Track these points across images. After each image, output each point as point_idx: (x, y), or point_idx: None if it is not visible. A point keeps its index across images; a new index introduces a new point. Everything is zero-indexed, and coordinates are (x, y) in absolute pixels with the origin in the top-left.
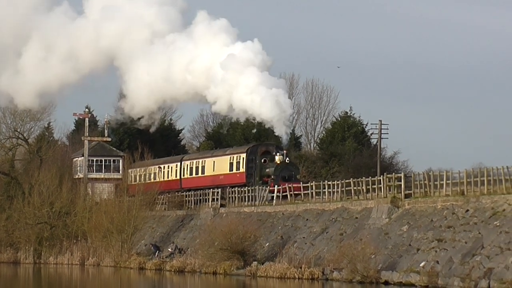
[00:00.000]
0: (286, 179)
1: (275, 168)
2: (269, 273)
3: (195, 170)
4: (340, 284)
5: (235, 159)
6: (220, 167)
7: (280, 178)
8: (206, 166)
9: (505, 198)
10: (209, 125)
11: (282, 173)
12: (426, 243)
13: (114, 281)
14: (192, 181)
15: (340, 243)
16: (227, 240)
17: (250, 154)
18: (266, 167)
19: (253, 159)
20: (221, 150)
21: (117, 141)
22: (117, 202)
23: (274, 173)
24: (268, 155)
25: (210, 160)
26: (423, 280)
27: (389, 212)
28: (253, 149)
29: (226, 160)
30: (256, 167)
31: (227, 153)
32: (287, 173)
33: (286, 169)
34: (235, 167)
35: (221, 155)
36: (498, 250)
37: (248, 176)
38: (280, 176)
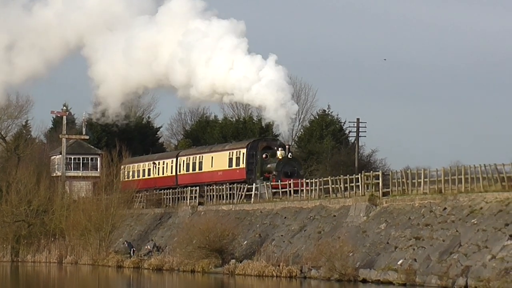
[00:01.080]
0: (288, 175)
1: (277, 164)
2: (247, 271)
3: (192, 166)
4: (318, 282)
5: (235, 155)
6: (218, 163)
7: (282, 174)
8: (204, 162)
9: (483, 196)
10: (187, 123)
11: (284, 168)
12: (404, 241)
13: (92, 279)
14: (189, 178)
15: (318, 241)
16: (205, 238)
17: (250, 149)
18: (267, 162)
19: (254, 154)
20: (219, 146)
21: (94, 139)
22: (95, 200)
23: (276, 168)
24: (269, 150)
25: (208, 156)
26: (401, 278)
27: (367, 210)
28: (253, 144)
29: (225, 155)
30: (257, 162)
31: (226, 148)
32: (289, 169)
33: (288, 164)
34: (234, 163)
35: (219, 151)
36: (475, 248)
37: (248, 172)
38: (282, 172)
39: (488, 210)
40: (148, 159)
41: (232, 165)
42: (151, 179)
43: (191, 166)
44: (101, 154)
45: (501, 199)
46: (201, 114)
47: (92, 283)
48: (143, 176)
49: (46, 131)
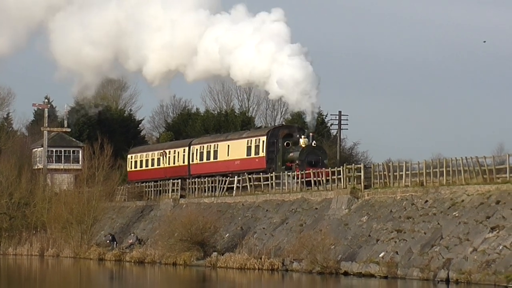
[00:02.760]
0: (312, 165)
1: (300, 152)
2: (229, 264)
3: (206, 155)
4: (300, 275)
5: (254, 143)
6: (235, 152)
7: (306, 163)
8: (219, 151)
9: (464, 189)
10: (169, 116)
11: (308, 157)
12: (385, 234)
13: (74, 272)
14: (203, 167)
15: (300, 234)
16: (187, 231)
17: (271, 136)
18: (289, 151)
19: (275, 142)
20: (236, 133)
21: (76, 132)
22: (76, 193)
23: (299, 157)
24: (290, 138)
25: (224, 144)
26: (383, 270)
27: (349, 203)
28: (274, 131)
29: (242, 143)
30: (278, 151)
31: (244, 136)
32: (314, 158)
33: (312, 153)
34: (253, 151)
35: (236, 139)
36: (457, 241)
37: (268, 161)
38: (306, 161)
39: (469, 203)
40: (158, 148)
41: (250, 153)
42: (160, 169)
43: (205, 155)
44: (83, 147)
45: (482, 191)
46: (182, 106)
47: (73, 276)
48: (152, 166)
49: (27, 124)
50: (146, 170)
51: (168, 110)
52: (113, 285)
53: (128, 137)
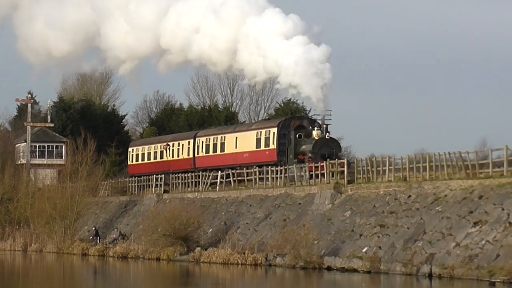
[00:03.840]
0: (326, 158)
1: (313, 145)
2: (212, 259)
3: (213, 148)
4: (283, 270)
5: (264, 135)
6: (244, 144)
7: (319, 156)
8: (227, 143)
9: (447, 184)
10: (152, 111)
11: (321, 150)
12: (368, 229)
13: (57, 267)
14: (209, 160)
15: (283, 229)
16: (170, 226)
17: (282, 128)
18: (301, 143)
19: (286, 134)
20: (244, 125)
21: (60, 127)
22: (60, 188)
23: (312, 150)
24: (303, 129)
25: (231, 136)
26: (366, 265)
27: (332, 198)
28: (285, 122)
29: (251, 135)
30: (290, 143)
31: (253, 127)
32: (327, 151)
33: (326, 145)
34: (263, 144)
35: (245, 130)
36: (439, 236)
37: (279, 153)
38: (319, 154)
39: (452, 198)
40: (160, 141)
41: (260, 146)
42: (164, 162)
43: (212, 147)
44: (66, 142)
45: (465, 186)
46: (166, 102)
47: (57, 271)
48: (155, 159)
49: (10, 119)
50: (149, 164)
51: (151, 105)
52: (96, 280)
53: (111, 132)
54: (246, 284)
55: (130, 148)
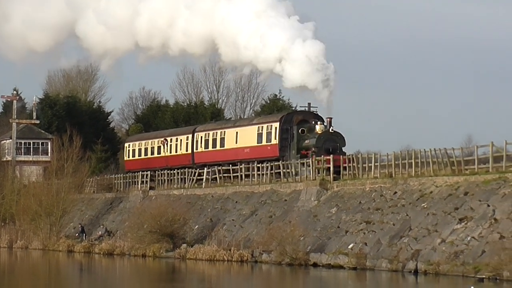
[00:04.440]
0: (330, 152)
1: (317, 139)
2: (199, 256)
3: (212, 143)
4: (269, 267)
5: (265, 129)
6: (245, 139)
7: (323, 151)
8: (227, 138)
9: (433, 180)
10: (138, 108)
11: (325, 144)
12: (354, 225)
13: (43, 264)
14: (208, 156)
15: (269, 226)
16: (156, 222)
17: (284, 123)
18: (305, 138)
19: (288, 129)
20: (245, 120)
21: (45, 124)
22: (45, 184)
23: (316, 144)
24: (306, 124)
25: (232, 131)
26: (352, 262)
27: (318, 195)
28: (287, 117)
29: (253, 130)
30: (292, 138)
31: (254, 122)
32: (331, 145)
33: (330, 140)
34: (265, 139)
35: (246, 125)
36: (425, 232)
37: (281, 149)
38: (323, 148)
39: (438, 194)
40: (158, 136)
41: (262, 141)
42: (161, 158)
43: (211, 142)
44: (52, 139)
45: (450, 183)
46: (152, 98)
47: (42, 268)
48: (152, 154)
49: None
50: (146, 159)
51: (137, 102)
52: (82, 277)
53: (97, 129)
54: (232, 281)
55: (127, 144)
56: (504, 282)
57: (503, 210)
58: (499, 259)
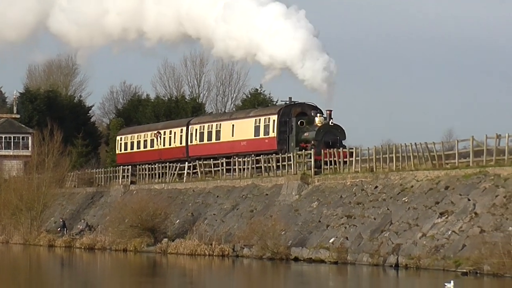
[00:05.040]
0: (330, 145)
1: (316, 132)
2: (180, 250)
3: (207, 136)
4: (250, 261)
5: (263, 122)
6: (241, 132)
7: (322, 144)
8: (222, 131)
9: (413, 175)
10: (119, 102)
11: (325, 137)
12: (335, 220)
13: (24, 258)
14: (203, 149)
15: (251, 220)
16: (138, 217)
17: (282, 115)
18: (304, 130)
19: (287, 121)
20: (242, 112)
21: (26, 118)
22: (26, 179)
23: (315, 137)
24: (305, 116)
25: (228, 124)
26: (333, 256)
27: (299, 189)
28: (286, 109)
29: (249, 123)
30: (291, 130)
31: (251, 115)
32: (331, 138)
33: (330, 133)
34: (262, 132)
35: (242, 118)
36: (406, 226)
37: (280, 142)
38: (323, 142)
39: (418, 188)
40: (150, 129)
41: (259, 134)
42: (154, 151)
43: (206, 135)
44: (32, 133)
45: (431, 177)
46: (133, 93)
47: (23, 263)
48: (145, 147)
49: None
50: (138, 152)
51: (118, 96)
52: (63, 272)
53: (78, 124)
54: (213, 275)
55: (118, 137)
56: (484, 276)
57: (483, 204)
58: (479, 253)
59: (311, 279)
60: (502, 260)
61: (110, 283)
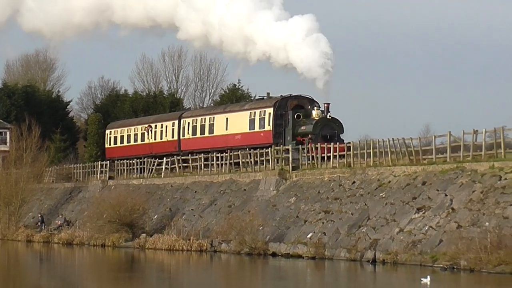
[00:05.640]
0: (328, 139)
1: (314, 125)
2: (158, 245)
3: (200, 129)
4: (228, 256)
5: (258, 115)
6: (235, 125)
7: (320, 138)
8: (216, 124)
9: (391, 170)
10: (97, 97)
11: (323, 131)
12: (313, 215)
13: (1, 253)
14: (196, 142)
15: (228, 215)
16: (116, 212)
17: (278, 108)
18: (300, 124)
19: (283, 114)
20: (236, 105)
21: (4, 113)
22: (4, 174)
23: (312, 131)
24: (301, 109)
25: (222, 117)
26: (310, 251)
27: (277, 184)
28: (282, 102)
29: (244, 116)
30: (288, 124)
31: (246, 108)
32: (329, 132)
33: (328, 126)
34: (257, 125)
35: (237, 111)
36: (383, 221)
37: (276, 135)
38: (320, 135)
39: (396, 184)
40: (141, 122)
41: (254, 127)
42: (145, 145)
43: (199, 129)
44: (10, 128)
45: (408, 172)
46: (111, 88)
47: (1, 258)
48: (135, 141)
49: None
50: (128, 147)
51: (96, 91)
52: (41, 266)
53: (56, 119)
54: (191, 270)
55: (108, 131)
56: (461, 271)
57: (460, 199)
58: (456, 248)
59: (288, 274)
60: (478, 255)
61: (88, 278)
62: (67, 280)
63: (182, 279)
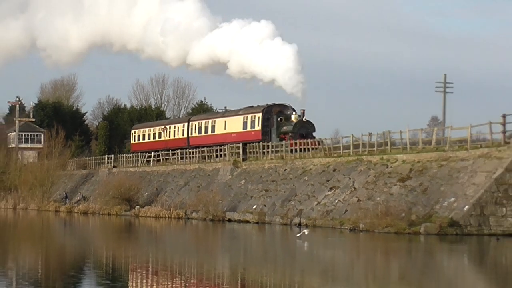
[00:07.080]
0: (303, 136)
1: (293, 126)
2: (148, 214)
3: (204, 129)
4: (197, 222)
5: (250, 119)
6: (232, 126)
7: (298, 135)
8: (217, 125)
9: (311, 161)
10: (105, 110)
11: (300, 130)
12: (257, 192)
13: (37, 220)
14: (201, 139)
15: (198, 193)
16: (118, 191)
17: (265, 113)
18: (283, 125)
19: (269, 118)
20: (232, 111)
21: (39, 121)
22: (39, 164)
23: (292, 130)
24: (282, 114)
25: (221, 120)
26: (255, 218)
27: (232, 171)
28: (268, 109)
29: (238, 120)
30: (273, 125)
31: (240, 113)
32: (304, 131)
33: (303, 127)
34: (249, 126)
35: (233, 115)
36: (306, 197)
37: (263, 133)
38: (298, 133)
39: (315, 170)
40: (158, 125)
41: (247, 127)
42: (162, 141)
43: (203, 129)
44: (44, 132)
45: (324, 163)
46: (114, 103)
47: (37, 222)
48: (154, 138)
49: (4, 115)
50: (149, 142)
51: (104, 105)
52: (65, 229)
53: (75, 125)
54: (171, 231)
55: (133, 130)
56: (360, 232)
57: (360, 181)
58: (357, 215)
59: (240, 234)
60: (372, 220)
61: (98, 237)
62: (84, 238)
63: (165, 237)
